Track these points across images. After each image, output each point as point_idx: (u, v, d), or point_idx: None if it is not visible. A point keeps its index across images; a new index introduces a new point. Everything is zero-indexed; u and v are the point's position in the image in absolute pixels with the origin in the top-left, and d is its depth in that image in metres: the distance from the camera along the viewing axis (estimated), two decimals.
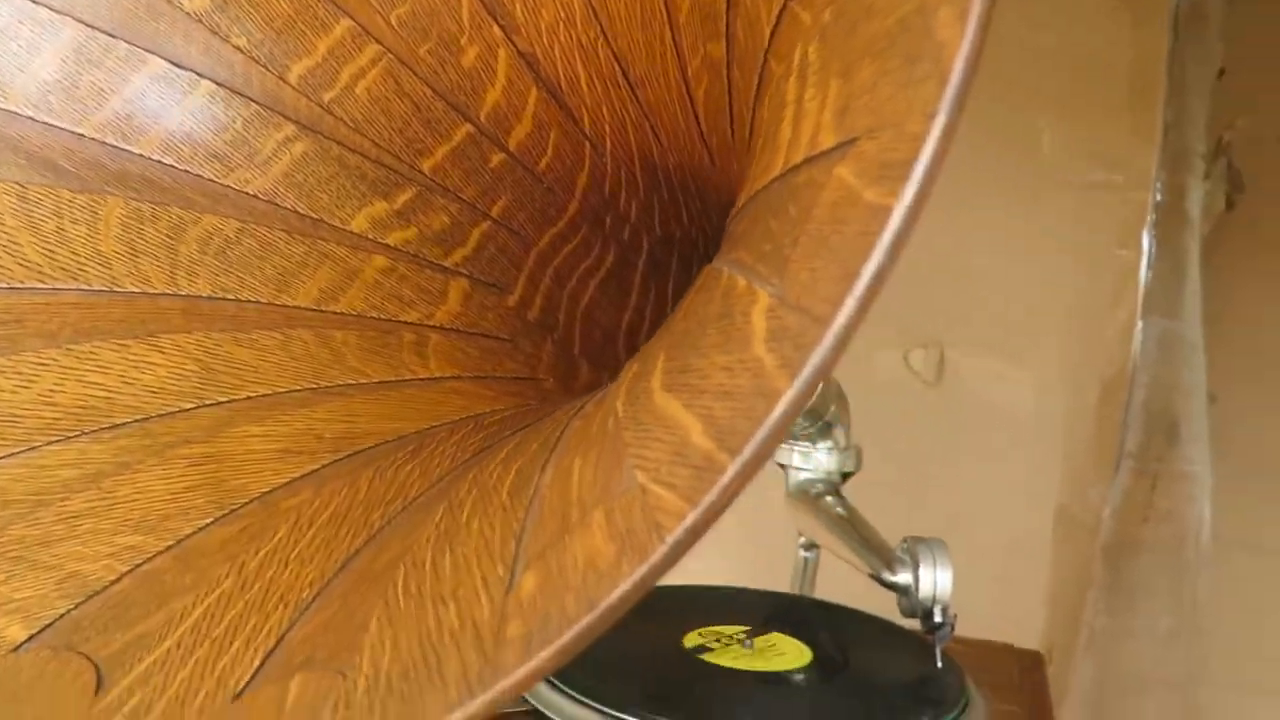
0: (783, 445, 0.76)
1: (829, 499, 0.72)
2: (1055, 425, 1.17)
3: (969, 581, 1.18)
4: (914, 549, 0.59)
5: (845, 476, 0.77)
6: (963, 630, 0.82)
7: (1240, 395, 1.34)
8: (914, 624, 0.61)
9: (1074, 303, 1.17)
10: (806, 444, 0.75)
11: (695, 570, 0.81)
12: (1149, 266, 1.16)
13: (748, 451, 0.24)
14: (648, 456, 0.27)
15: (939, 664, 0.58)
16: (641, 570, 0.24)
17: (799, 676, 0.57)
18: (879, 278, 0.24)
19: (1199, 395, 1.30)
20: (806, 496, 0.74)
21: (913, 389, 1.19)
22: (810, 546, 0.79)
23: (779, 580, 0.82)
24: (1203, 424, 1.30)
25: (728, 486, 0.24)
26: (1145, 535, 1.24)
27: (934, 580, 0.58)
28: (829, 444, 0.75)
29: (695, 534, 0.24)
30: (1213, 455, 1.32)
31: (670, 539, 0.24)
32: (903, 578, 0.59)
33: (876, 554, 0.61)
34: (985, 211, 1.18)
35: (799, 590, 0.78)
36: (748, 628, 0.63)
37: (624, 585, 0.24)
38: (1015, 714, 0.58)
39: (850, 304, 0.24)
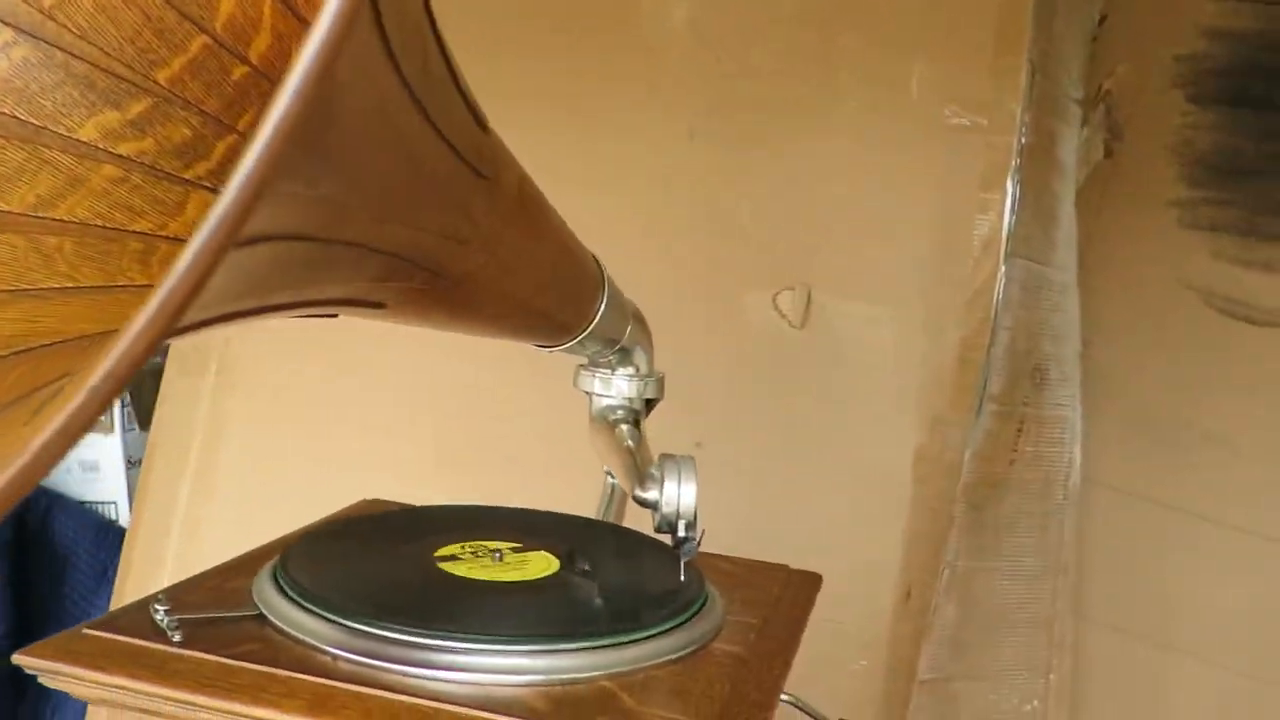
0: (584, 372, 0.77)
1: (624, 427, 0.73)
2: (917, 367, 1.18)
3: (830, 520, 1.20)
4: (663, 466, 0.60)
5: (649, 404, 0.78)
6: (820, 565, 0.84)
7: (1115, 341, 1.35)
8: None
9: (940, 245, 1.18)
10: (606, 371, 0.76)
11: (547, 498, 0.82)
12: (1013, 210, 1.16)
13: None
14: None
15: (682, 577, 0.59)
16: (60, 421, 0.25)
17: (533, 583, 0.58)
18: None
19: (1071, 339, 1.31)
20: (605, 422, 0.75)
21: (781, 331, 1.20)
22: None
23: (631, 514, 0.83)
24: (1075, 367, 1.32)
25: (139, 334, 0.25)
26: (1011, 477, 1.25)
27: (677, 496, 0.58)
28: (629, 370, 0.75)
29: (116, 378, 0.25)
30: (1085, 399, 1.34)
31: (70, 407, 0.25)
32: (652, 495, 0.59)
33: (639, 475, 0.62)
34: (854, 154, 1.18)
35: (602, 514, 0.79)
36: (505, 543, 0.64)
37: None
38: (752, 625, 0.59)
39: (268, 126, 0.24)
